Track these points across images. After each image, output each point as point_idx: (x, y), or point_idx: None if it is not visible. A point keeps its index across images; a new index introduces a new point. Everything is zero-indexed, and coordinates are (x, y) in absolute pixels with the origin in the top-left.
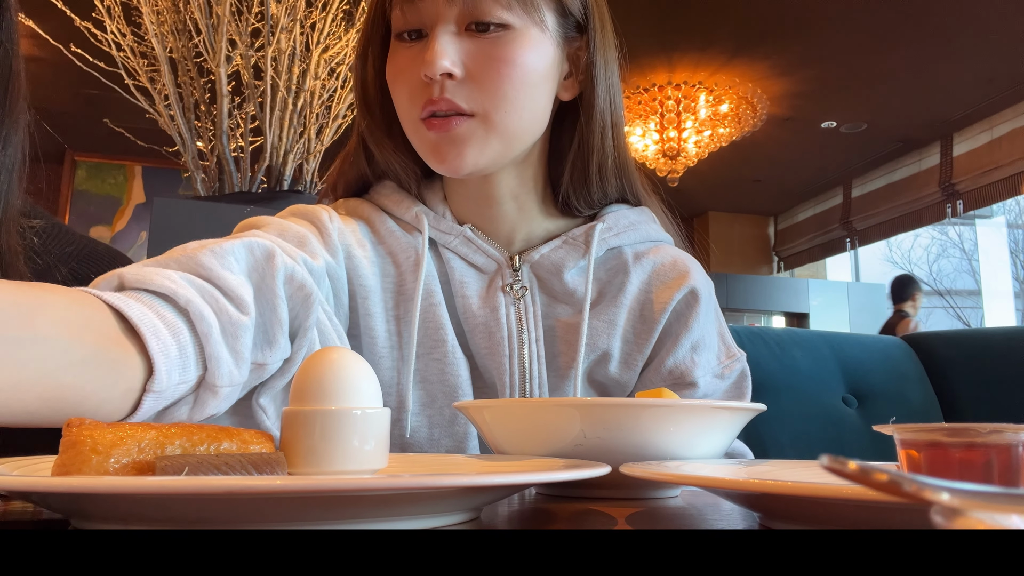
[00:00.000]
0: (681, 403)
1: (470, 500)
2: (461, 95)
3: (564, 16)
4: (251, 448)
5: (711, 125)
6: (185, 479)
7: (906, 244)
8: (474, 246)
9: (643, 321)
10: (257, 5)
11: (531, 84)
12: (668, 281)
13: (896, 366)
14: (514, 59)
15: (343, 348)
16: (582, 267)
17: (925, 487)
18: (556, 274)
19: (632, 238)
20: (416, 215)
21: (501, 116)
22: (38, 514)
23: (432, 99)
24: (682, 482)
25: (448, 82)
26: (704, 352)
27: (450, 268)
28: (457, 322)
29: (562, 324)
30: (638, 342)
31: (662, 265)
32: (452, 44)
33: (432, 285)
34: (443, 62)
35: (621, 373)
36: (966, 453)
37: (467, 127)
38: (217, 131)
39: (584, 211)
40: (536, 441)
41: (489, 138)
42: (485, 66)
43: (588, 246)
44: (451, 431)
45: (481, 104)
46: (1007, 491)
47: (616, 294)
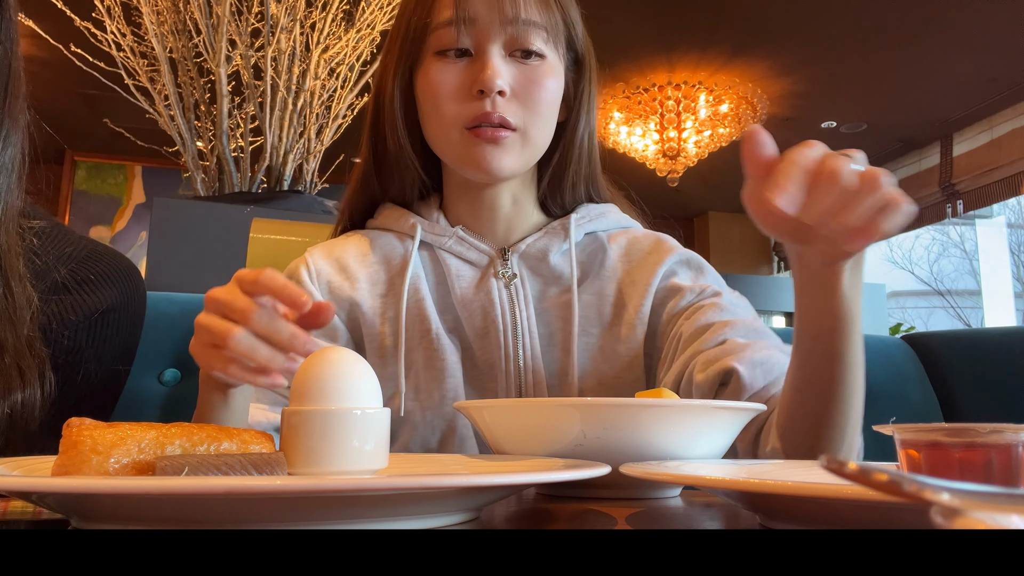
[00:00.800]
0: (681, 403)
1: (470, 500)
2: (509, 111)
3: (571, 51)
4: (251, 448)
5: (711, 125)
6: (185, 479)
7: (906, 244)
8: (467, 244)
9: (632, 284)
10: (257, 5)
11: (554, 106)
12: (649, 249)
13: (896, 366)
14: (547, 84)
15: (343, 348)
16: (565, 250)
17: (925, 487)
18: (543, 260)
19: (604, 224)
20: (412, 224)
21: (535, 132)
22: (38, 514)
23: (486, 112)
24: (682, 482)
25: (499, 98)
26: (712, 277)
27: (446, 266)
28: (452, 315)
29: (555, 303)
30: (632, 302)
31: (636, 239)
32: (504, 66)
33: (419, 284)
34: (500, 80)
35: (625, 335)
36: (966, 453)
37: (511, 139)
38: (217, 131)
39: (557, 211)
40: (536, 441)
41: (524, 150)
42: (527, 88)
43: (567, 232)
44: (441, 412)
45: (523, 120)
46: (1007, 491)
47: (599, 270)
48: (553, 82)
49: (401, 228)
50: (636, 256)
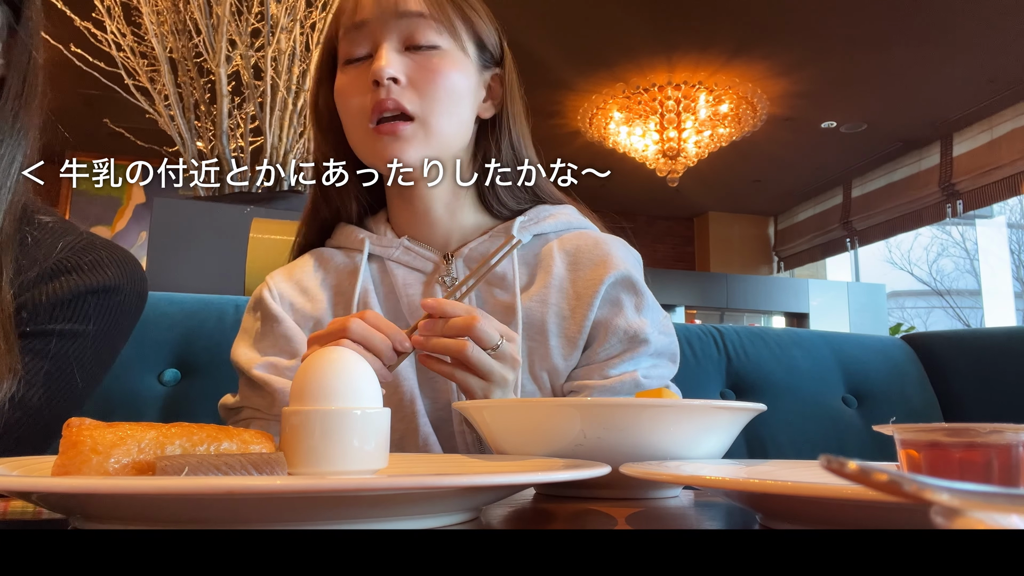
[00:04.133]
0: (681, 403)
1: (470, 500)
2: (405, 98)
3: (481, 49)
4: (251, 448)
5: (711, 125)
6: (185, 479)
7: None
8: (412, 253)
9: (576, 297)
10: (257, 5)
11: (458, 95)
12: (596, 260)
13: (896, 366)
14: (445, 72)
15: (343, 348)
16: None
17: (925, 487)
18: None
19: (555, 226)
20: (360, 239)
21: (436, 120)
22: (38, 514)
23: (380, 100)
24: (682, 482)
25: (393, 87)
26: (649, 312)
27: (394, 277)
28: (402, 324)
29: (499, 306)
30: (574, 316)
31: (585, 245)
32: (396, 57)
33: (367, 297)
34: (389, 68)
35: (563, 348)
36: (966, 453)
37: (411, 129)
38: (217, 131)
39: (503, 212)
40: (536, 441)
41: (428, 139)
42: (422, 76)
43: (509, 235)
44: (401, 414)
45: (420, 108)
46: (1007, 491)
47: (545, 276)
48: (455, 73)
49: (352, 244)
50: (583, 266)
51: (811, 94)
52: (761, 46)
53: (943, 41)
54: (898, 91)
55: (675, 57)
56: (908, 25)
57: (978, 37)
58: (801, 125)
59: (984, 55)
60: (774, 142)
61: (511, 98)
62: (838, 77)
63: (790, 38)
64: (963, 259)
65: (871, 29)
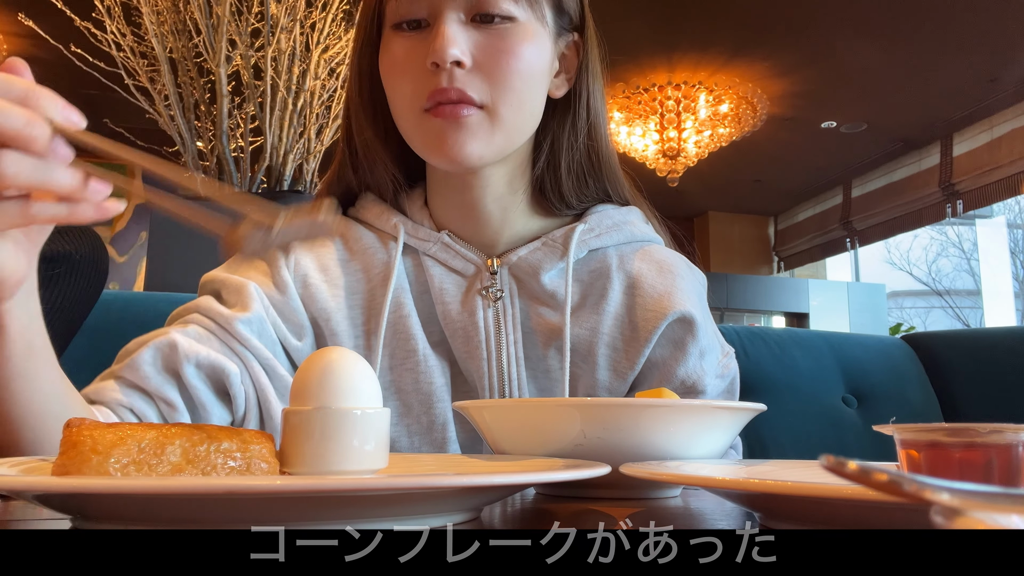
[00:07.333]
0: (681, 403)
1: (470, 500)
2: (472, 85)
3: (560, 13)
4: (251, 448)
5: (711, 125)
6: (185, 479)
7: (904, 244)
8: (452, 251)
9: (632, 329)
10: (257, 5)
11: (534, 78)
12: (660, 291)
13: (896, 366)
14: (521, 52)
15: (343, 348)
16: (560, 269)
17: (925, 487)
18: (534, 276)
19: (616, 239)
20: (395, 225)
21: (506, 110)
22: (38, 514)
23: (441, 88)
24: (682, 482)
25: (457, 71)
26: (709, 356)
27: (430, 276)
28: (438, 327)
29: (545, 326)
30: (628, 351)
31: (648, 271)
32: (461, 32)
33: (402, 297)
34: (453, 50)
35: (611, 382)
36: (966, 453)
37: (477, 118)
38: (217, 131)
39: (563, 210)
40: (536, 441)
41: (494, 132)
42: (493, 59)
43: (567, 248)
44: (430, 438)
45: (489, 96)
46: (1007, 491)
47: (598, 300)
48: (530, 49)
49: (383, 227)
50: (643, 294)
51: (811, 94)
52: (761, 46)
53: (944, 41)
54: (898, 91)
55: (675, 57)
56: (908, 25)
57: (978, 37)
58: (801, 125)
59: (984, 55)
60: (774, 142)
61: (590, 71)
62: (838, 77)
63: (790, 38)
64: (962, 259)
65: (871, 29)
